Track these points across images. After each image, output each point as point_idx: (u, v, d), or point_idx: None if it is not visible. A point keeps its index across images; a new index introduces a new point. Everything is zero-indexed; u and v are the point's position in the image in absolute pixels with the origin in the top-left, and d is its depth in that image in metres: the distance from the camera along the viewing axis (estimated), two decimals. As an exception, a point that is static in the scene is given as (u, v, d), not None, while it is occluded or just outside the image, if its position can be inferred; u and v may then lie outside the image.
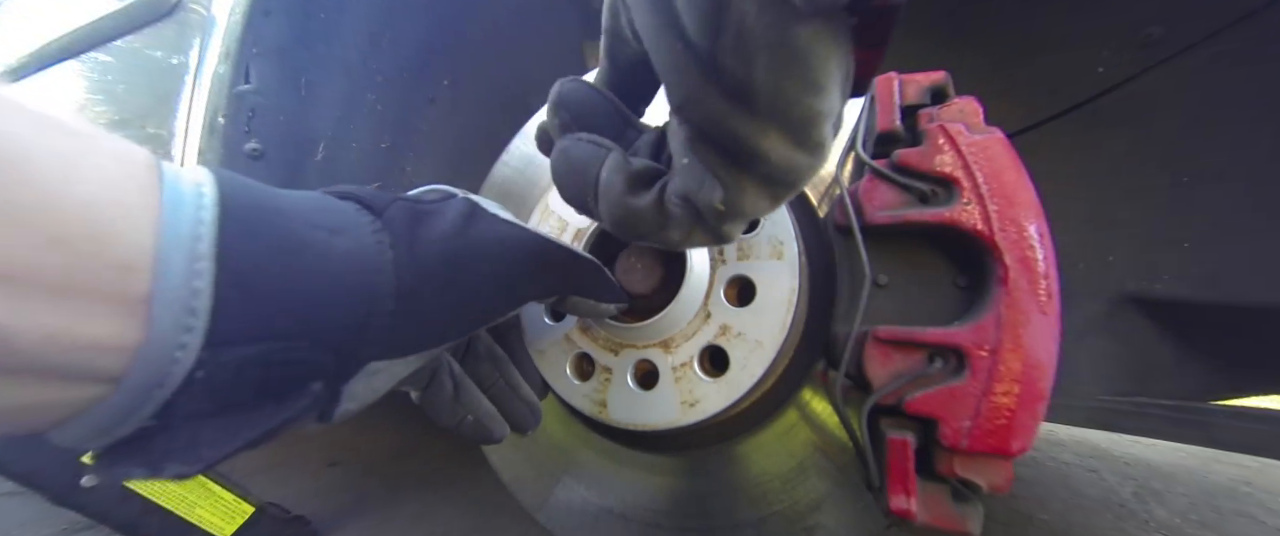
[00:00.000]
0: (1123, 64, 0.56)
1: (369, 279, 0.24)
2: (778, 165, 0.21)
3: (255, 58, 0.54)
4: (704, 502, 0.47)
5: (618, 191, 0.26)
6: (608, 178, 0.26)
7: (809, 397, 0.43)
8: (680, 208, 0.25)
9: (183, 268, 0.18)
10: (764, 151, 0.21)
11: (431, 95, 0.67)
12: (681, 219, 0.25)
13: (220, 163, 0.54)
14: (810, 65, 0.18)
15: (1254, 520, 1.01)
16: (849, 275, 0.39)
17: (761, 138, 0.20)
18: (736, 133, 0.20)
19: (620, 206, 0.26)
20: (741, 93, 0.19)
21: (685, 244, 0.27)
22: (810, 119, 0.20)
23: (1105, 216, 0.60)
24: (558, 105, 0.29)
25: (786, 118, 0.20)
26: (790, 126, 0.20)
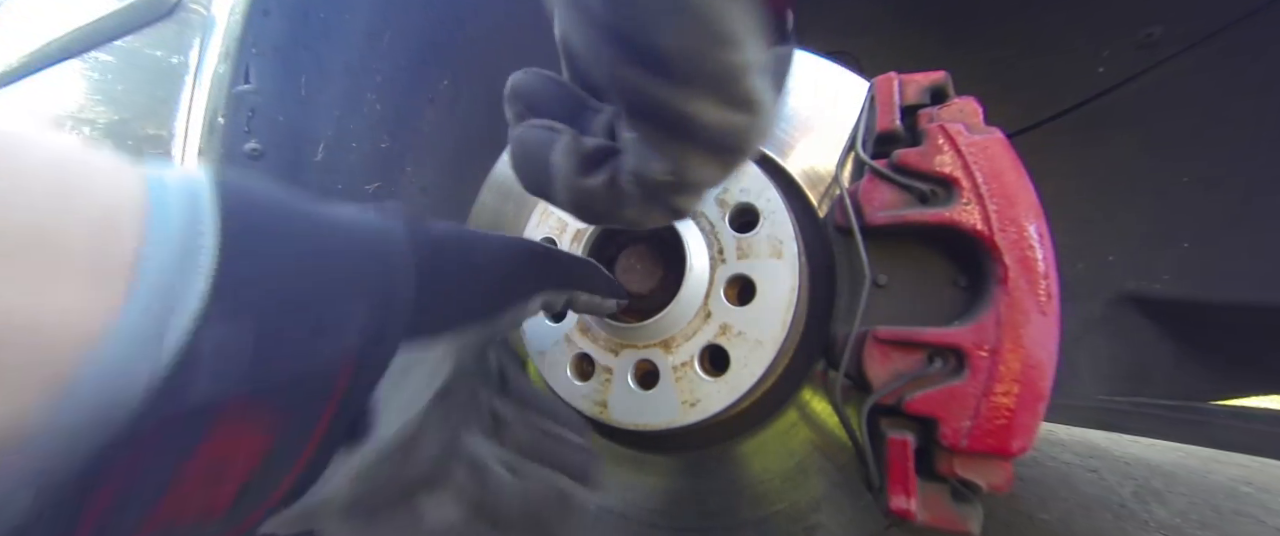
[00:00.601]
0: (1123, 64, 0.56)
1: (383, 245, 0.23)
2: (715, 129, 0.21)
3: (255, 58, 0.54)
4: (704, 502, 0.47)
5: (568, 173, 0.26)
6: (558, 161, 0.26)
7: (809, 397, 0.43)
8: (633, 185, 0.24)
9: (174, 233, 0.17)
10: (695, 116, 0.20)
11: (431, 95, 0.66)
12: (635, 196, 0.25)
13: (220, 163, 0.54)
14: (711, 18, 0.18)
15: (1254, 520, 1.01)
16: (849, 275, 0.39)
17: (688, 103, 0.20)
18: (662, 102, 0.20)
19: (573, 188, 0.26)
20: (654, 61, 0.19)
21: (644, 221, 0.27)
22: (730, 74, 0.19)
23: (1105, 216, 0.60)
24: (511, 97, 0.29)
25: (706, 77, 0.19)
26: (713, 86, 0.20)
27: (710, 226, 0.41)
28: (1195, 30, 0.52)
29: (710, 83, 0.20)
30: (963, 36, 0.62)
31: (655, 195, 0.25)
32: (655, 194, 0.24)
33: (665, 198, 0.25)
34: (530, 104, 0.29)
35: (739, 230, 0.40)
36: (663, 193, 0.24)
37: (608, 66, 0.20)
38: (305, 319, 0.19)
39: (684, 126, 0.21)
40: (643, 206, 0.25)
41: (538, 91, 0.29)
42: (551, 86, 0.29)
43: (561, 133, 0.27)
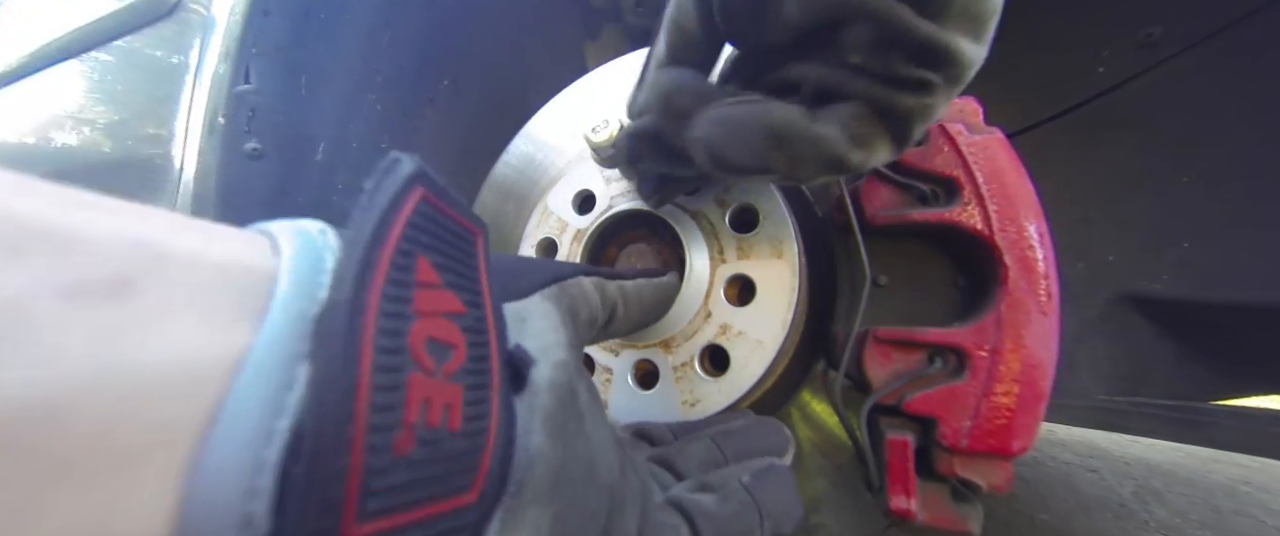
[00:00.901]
0: (1123, 64, 0.56)
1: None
2: (967, 62, 0.22)
3: (255, 58, 0.54)
4: (704, 502, 0.47)
5: (802, 126, 0.25)
6: (784, 119, 0.26)
7: (809, 397, 0.43)
8: (864, 124, 0.25)
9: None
10: (958, 52, 0.22)
11: (431, 95, 0.66)
12: (866, 136, 0.25)
13: (220, 162, 0.54)
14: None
15: (1254, 520, 1.01)
16: (849, 275, 0.39)
17: (956, 42, 0.22)
18: (928, 40, 0.21)
19: (808, 139, 0.26)
20: (940, 8, 0.21)
21: (868, 163, 0.27)
22: (990, 14, 0.22)
23: (1105, 216, 0.60)
24: (672, 94, 0.29)
25: (974, 19, 0.21)
26: (975, 26, 0.22)
27: (710, 226, 0.41)
28: (1195, 30, 0.52)
29: (976, 24, 0.22)
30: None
31: (896, 126, 0.25)
32: (897, 124, 0.25)
33: (906, 127, 0.25)
34: (699, 97, 0.28)
35: (739, 230, 0.40)
36: (907, 121, 0.25)
37: (887, 19, 0.21)
38: None
39: (946, 62, 0.22)
40: (872, 146, 0.26)
41: (701, 84, 0.29)
42: (702, 82, 0.29)
43: (766, 99, 0.27)
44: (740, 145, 0.27)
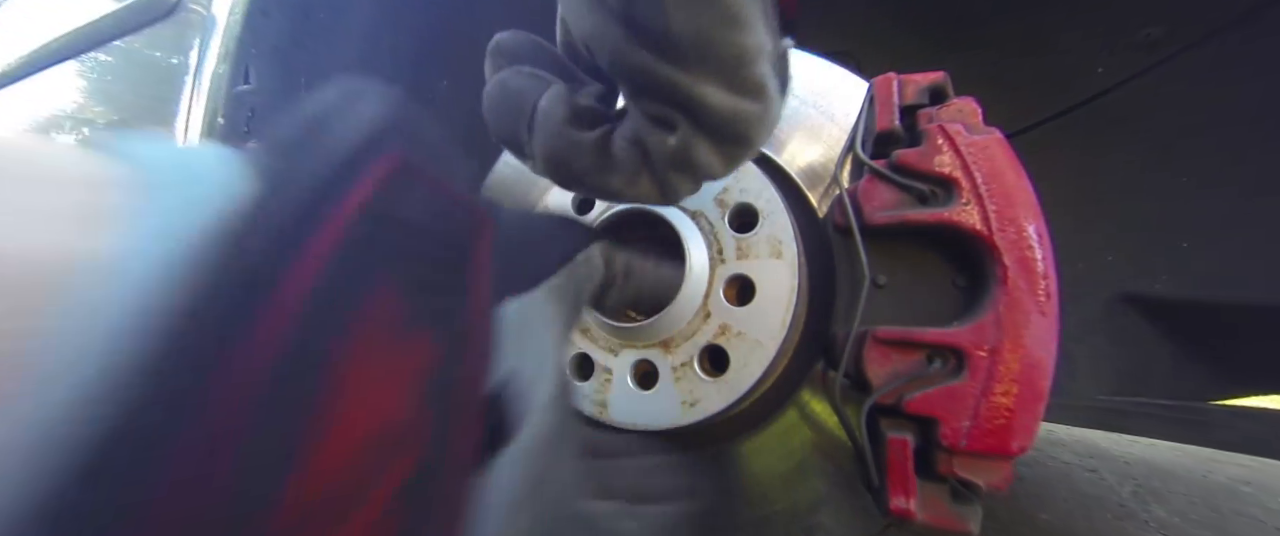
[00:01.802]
0: (1123, 64, 0.56)
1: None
2: (723, 114, 0.21)
3: (254, 58, 0.54)
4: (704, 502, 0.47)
5: (557, 121, 0.24)
6: (547, 106, 0.25)
7: (809, 397, 0.43)
8: (627, 151, 0.24)
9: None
10: (703, 99, 0.20)
11: (431, 95, 0.67)
12: (627, 163, 0.24)
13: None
14: (722, 2, 0.18)
15: (1254, 520, 1.01)
16: (848, 275, 0.39)
17: (697, 86, 0.20)
18: (671, 84, 0.20)
19: (560, 138, 0.24)
20: (665, 44, 0.19)
21: (625, 193, 0.26)
22: (740, 58, 0.20)
23: (1105, 216, 0.60)
24: (494, 53, 0.28)
25: (716, 60, 0.19)
26: (722, 69, 0.20)
27: (710, 226, 0.41)
28: (1195, 30, 0.52)
29: (720, 66, 0.20)
30: (962, 36, 0.62)
31: (653, 166, 0.24)
32: (653, 164, 0.24)
33: (662, 171, 0.24)
34: (513, 59, 0.27)
35: (738, 230, 0.40)
36: (661, 165, 0.23)
37: (616, 50, 0.20)
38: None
39: (693, 110, 0.21)
40: (632, 175, 0.24)
41: (525, 52, 0.28)
42: (540, 50, 0.28)
43: (552, 82, 0.26)
44: (504, 117, 0.26)
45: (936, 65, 0.38)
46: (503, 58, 0.28)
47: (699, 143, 0.22)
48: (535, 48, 0.28)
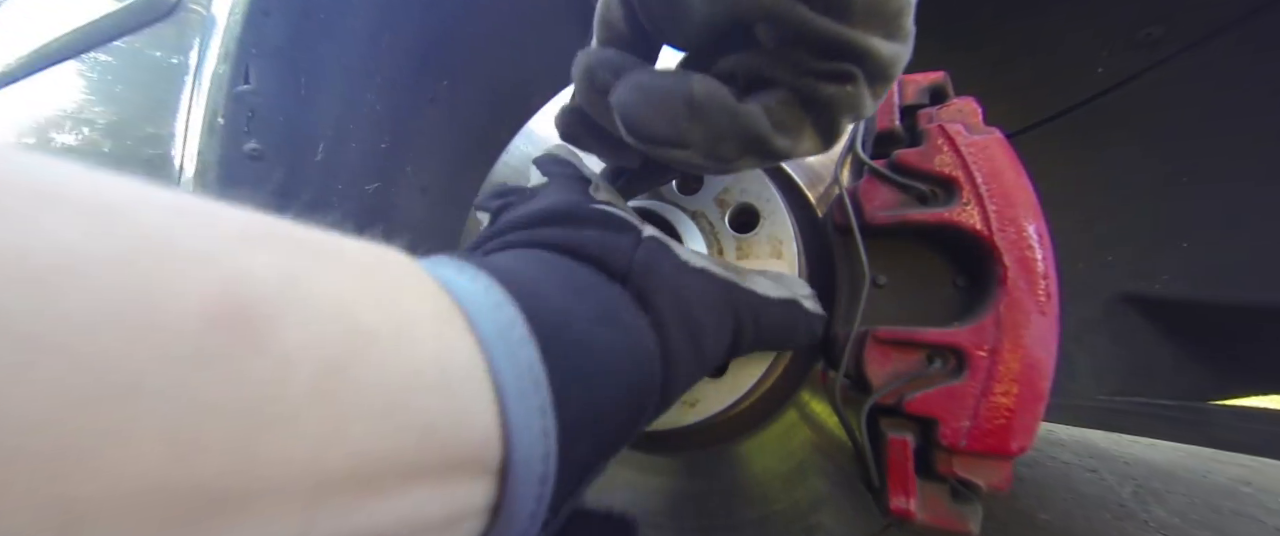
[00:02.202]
0: (1123, 64, 0.56)
1: (643, 384, 0.23)
2: (888, 60, 0.23)
3: (255, 58, 0.54)
4: (704, 503, 0.47)
5: (723, 99, 0.25)
6: (708, 90, 0.25)
7: (809, 397, 0.43)
8: (792, 111, 0.25)
9: (538, 440, 0.17)
10: (874, 50, 0.22)
11: (431, 95, 0.66)
12: (793, 123, 0.25)
13: (220, 163, 0.54)
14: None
15: (1254, 520, 1.01)
16: (848, 275, 0.39)
17: (867, 40, 0.22)
18: (849, 41, 0.22)
19: (732, 114, 0.25)
20: (842, 8, 0.21)
21: (794, 151, 0.26)
22: (902, 10, 0.22)
23: (1105, 216, 0.60)
24: (594, 68, 0.28)
25: (883, 17, 0.22)
26: (887, 23, 0.22)
27: (710, 226, 0.41)
28: (1195, 30, 0.52)
29: (886, 20, 0.22)
30: (962, 36, 0.62)
31: (823, 116, 0.25)
32: (823, 115, 0.25)
33: (832, 118, 0.25)
34: (619, 71, 0.27)
35: (739, 230, 0.40)
36: (832, 113, 0.25)
37: (798, 20, 0.22)
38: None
39: (865, 60, 0.23)
40: (798, 133, 0.25)
41: (624, 60, 0.28)
42: (627, 58, 0.28)
43: (689, 73, 0.26)
44: (656, 112, 0.26)
45: (936, 65, 0.38)
46: (606, 70, 0.27)
47: (863, 89, 0.24)
48: (624, 58, 0.28)
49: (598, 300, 0.22)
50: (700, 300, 0.27)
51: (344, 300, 0.13)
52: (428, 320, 0.15)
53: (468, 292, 0.17)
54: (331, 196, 0.60)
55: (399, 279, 0.16)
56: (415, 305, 0.15)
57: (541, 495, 0.17)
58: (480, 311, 0.17)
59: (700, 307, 0.26)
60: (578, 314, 0.20)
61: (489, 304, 0.17)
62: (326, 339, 0.12)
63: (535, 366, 0.17)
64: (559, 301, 0.20)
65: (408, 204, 0.67)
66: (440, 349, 0.15)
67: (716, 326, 0.27)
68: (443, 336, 0.15)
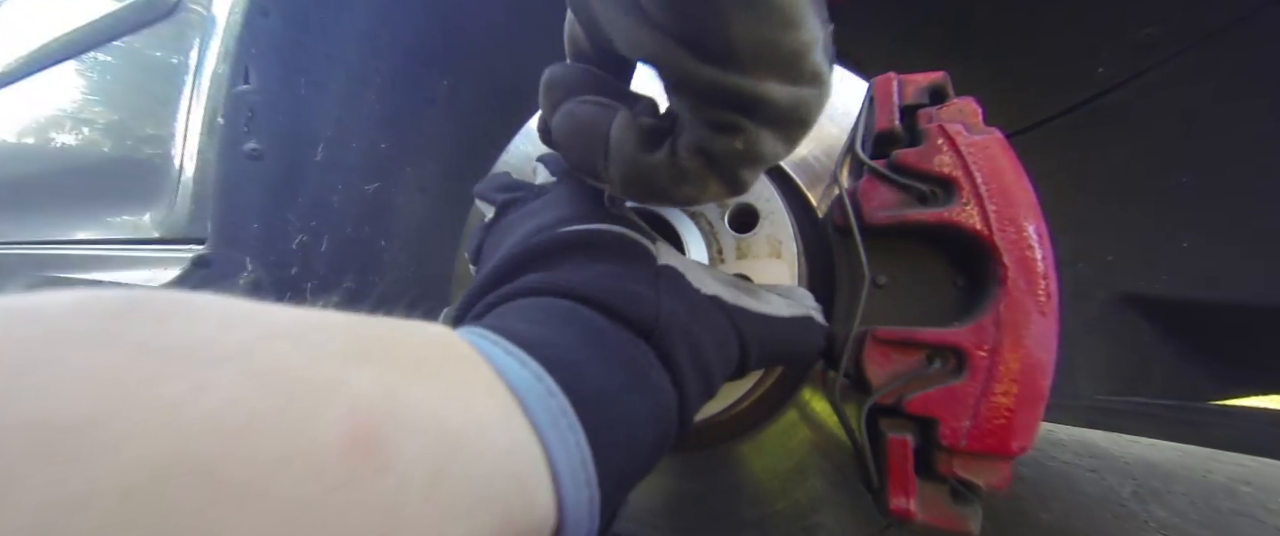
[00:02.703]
0: (1123, 64, 0.56)
1: (663, 437, 0.24)
2: (786, 106, 0.22)
3: (254, 58, 0.54)
4: (704, 502, 0.47)
5: (630, 148, 0.26)
6: (619, 134, 0.26)
7: (808, 397, 0.43)
8: (694, 160, 0.25)
9: (585, 511, 0.19)
10: (767, 96, 0.21)
11: (431, 96, 0.66)
12: (696, 173, 0.25)
13: (220, 162, 0.54)
14: (780, 6, 0.19)
15: (1254, 520, 1.01)
16: (848, 275, 0.39)
17: (761, 86, 0.21)
18: (735, 91, 0.21)
19: (633, 163, 0.26)
20: (728, 55, 0.20)
21: (699, 198, 0.27)
22: (799, 53, 0.21)
23: (1105, 216, 0.60)
24: (550, 86, 0.29)
25: (777, 61, 0.20)
26: (783, 67, 0.21)
27: (709, 227, 0.41)
28: (1194, 30, 0.52)
29: (781, 65, 0.21)
30: (962, 36, 0.62)
31: (721, 168, 0.25)
32: (721, 167, 0.25)
33: (732, 171, 0.25)
34: (570, 90, 0.29)
35: (738, 230, 0.40)
36: (730, 166, 0.25)
37: (675, 68, 0.21)
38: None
39: (755, 108, 0.22)
40: (702, 184, 0.26)
41: (577, 81, 0.29)
42: (589, 76, 0.29)
43: (617, 108, 0.27)
44: (578, 146, 0.28)
45: (936, 65, 0.38)
46: (560, 90, 0.29)
47: (764, 136, 0.23)
48: (583, 75, 0.29)
49: (627, 364, 0.23)
50: (712, 338, 0.28)
51: (434, 409, 0.15)
52: (498, 418, 0.18)
53: (521, 381, 0.19)
54: (331, 196, 0.60)
55: (465, 377, 0.18)
56: (485, 404, 0.18)
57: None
58: (534, 400, 0.19)
59: (712, 346, 0.27)
60: (613, 385, 0.22)
61: (541, 391, 0.19)
62: (428, 450, 0.14)
63: (583, 448, 0.19)
64: (595, 375, 0.22)
65: (408, 204, 0.67)
66: (511, 443, 0.17)
67: (724, 362, 0.29)
68: (511, 431, 0.18)
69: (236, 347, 0.13)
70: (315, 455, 0.12)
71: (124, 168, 0.72)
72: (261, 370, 0.13)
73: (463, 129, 0.70)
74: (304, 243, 0.59)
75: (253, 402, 0.12)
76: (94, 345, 0.11)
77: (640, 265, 0.28)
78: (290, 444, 0.12)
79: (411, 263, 0.68)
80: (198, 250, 0.55)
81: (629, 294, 0.25)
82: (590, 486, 0.19)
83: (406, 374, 0.16)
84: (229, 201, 0.54)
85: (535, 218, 0.32)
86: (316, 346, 0.14)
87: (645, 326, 0.25)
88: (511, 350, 0.20)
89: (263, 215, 0.56)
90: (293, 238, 0.58)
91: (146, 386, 0.11)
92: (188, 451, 0.10)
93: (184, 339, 0.12)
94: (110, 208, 0.74)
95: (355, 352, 0.15)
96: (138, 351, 0.11)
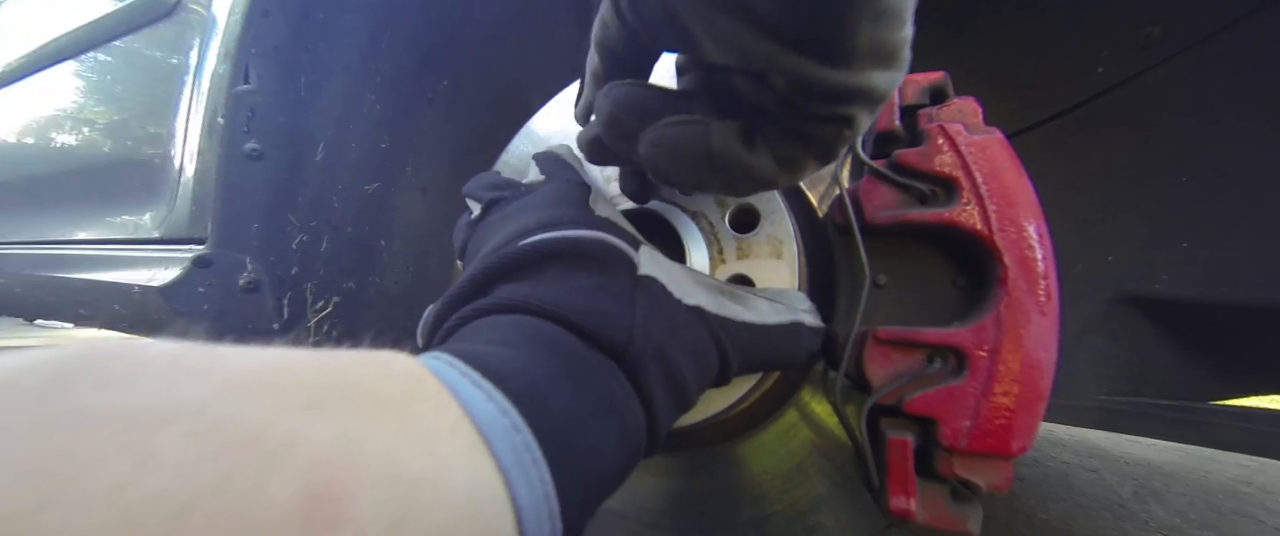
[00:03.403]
0: (1123, 64, 0.56)
1: (629, 458, 0.25)
2: (883, 90, 0.23)
3: (254, 58, 0.54)
4: (704, 503, 0.47)
5: (740, 153, 0.27)
6: (723, 146, 0.27)
7: (809, 397, 0.43)
8: (791, 148, 0.26)
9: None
10: (871, 86, 0.22)
11: (431, 95, 0.66)
12: (796, 158, 0.26)
13: (220, 162, 0.54)
14: (900, 9, 0.20)
15: (1254, 520, 1.01)
16: (849, 275, 0.39)
17: (868, 79, 0.22)
18: (846, 87, 0.22)
19: (742, 167, 0.27)
20: (845, 57, 0.21)
21: (795, 181, 0.28)
22: (902, 45, 0.22)
23: (1105, 216, 0.60)
24: (621, 112, 0.29)
25: (885, 56, 0.22)
26: (886, 60, 0.22)
27: (710, 226, 0.41)
28: (1195, 30, 0.52)
29: (887, 58, 0.22)
30: (962, 36, 0.62)
31: (819, 149, 0.26)
32: (819, 148, 0.26)
33: (829, 149, 0.26)
34: (642, 114, 0.29)
35: (739, 230, 0.40)
36: (828, 145, 0.26)
37: (793, 73, 0.22)
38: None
39: (861, 97, 0.23)
40: (802, 164, 0.27)
41: (644, 99, 0.29)
42: (650, 91, 0.30)
43: (705, 122, 0.27)
44: (679, 167, 0.28)
45: (937, 65, 0.38)
46: (633, 114, 0.29)
47: (864, 116, 0.24)
48: (647, 92, 0.30)
49: (595, 388, 0.24)
50: (688, 351, 0.28)
51: (395, 456, 0.15)
52: (461, 458, 0.17)
53: (486, 417, 0.19)
54: (331, 196, 0.60)
55: (431, 417, 0.18)
56: (448, 444, 0.17)
57: None
58: (498, 435, 0.19)
59: (687, 360, 0.28)
60: (580, 411, 0.22)
61: (506, 427, 0.19)
62: (388, 499, 0.14)
63: (546, 483, 0.19)
64: (561, 402, 0.22)
65: (408, 204, 0.67)
66: (473, 483, 0.17)
67: (702, 373, 0.29)
68: (474, 470, 0.18)
69: (184, 408, 0.12)
70: (267, 522, 0.11)
71: (124, 168, 0.72)
72: (211, 430, 0.12)
73: (463, 129, 0.70)
74: (304, 243, 0.59)
75: (200, 471, 0.11)
76: (26, 425, 0.10)
77: (619, 275, 0.28)
78: (240, 513, 0.11)
79: (411, 263, 0.68)
80: (198, 250, 0.55)
81: (602, 314, 0.26)
82: (553, 519, 0.19)
83: (368, 417, 0.16)
84: (229, 201, 0.54)
85: (519, 218, 0.32)
86: (273, 398, 0.14)
87: (617, 349, 0.25)
88: (479, 382, 0.20)
89: (263, 215, 0.56)
90: (293, 237, 0.58)
91: (84, 471, 0.10)
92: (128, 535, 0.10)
93: (127, 401, 0.12)
94: (110, 208, 0.74)
95: (314, 402, 0.15)
96: (75, 428, 0.11)
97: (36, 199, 0.91)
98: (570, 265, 0.28)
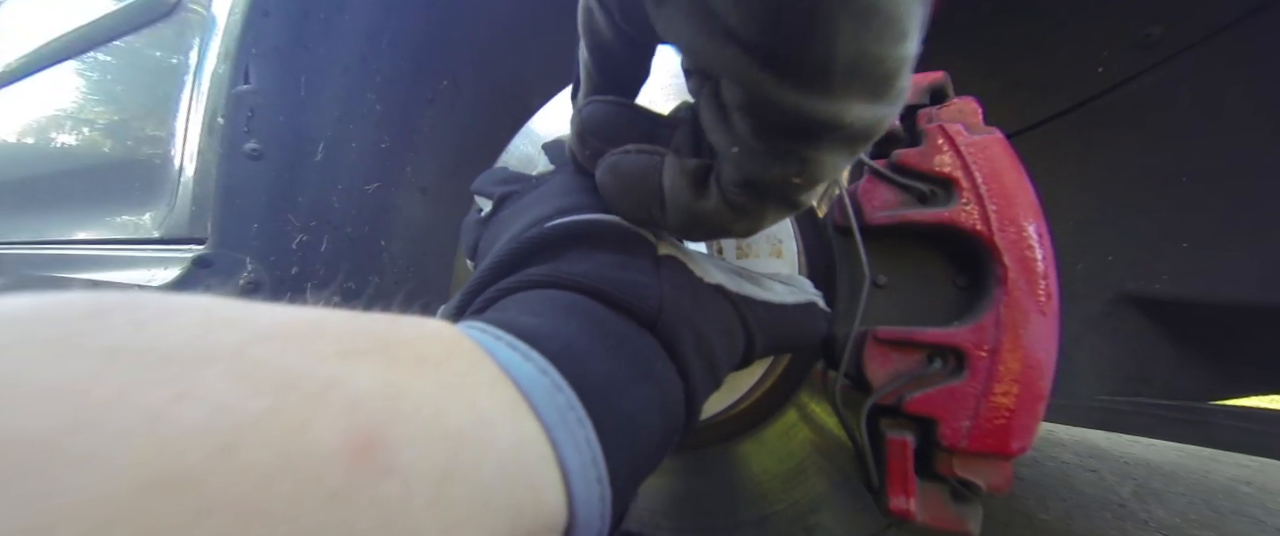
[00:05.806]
0: (1123, 64, 0.56)
1: (670, 429, 0.24)
2: (865, 126, 0.19)
3: (254, 58, 0.54)
4: (703, 503, 0.47)
5: (686, 197, 0.25)
6: (672, 183, 0.25)
7: (808, 398, 0.43)
8: (745, 195, 0.23)
9: (596, 508, 0.19)
10: (845, 118, 0.18)
11: (431, 95, 0.66)
12: (750, 206, 0.23)
13: (220, 162, 0.54)
14: (897, 14, 0.16)
15: (1254, 520, 1.01)
16: (848, 275, 0.39)
17: (844, 108, 0.18)
18: (811, 117, 0.18)
19: (689, 211, 0.25)
20: (816, 76, 0.17)
21: (757, 228, 0.25)
22: (896, 70, 0.17)
23: (1105, 216, 0.60)
24: (586, 133, 0.28)
25: (870, 80, 0.17)
26: (873, 87, 0.18)
27: (710, 226, 0.41)
28: (1195, 30, 0.52)
29: (873, 83, 0.18)
30: (963, 36, 0.62)
31: (773, 200, 0.23)
32: (776, 196, 0.23)
33: (787, 197, 0.23)
34: (609, 137, 0.28)
35: (738, 230, 0.40)
36: (784, 193, 0.22)
37: (752, 84, 0.18)
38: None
39: (830, 132, 0.19)
40: (758, 215, 0.24)
41: (614, 121, 0.28)
42: (625, 112, 0.28)
43: (662, 155, 0.26)
44: (629, 199, 0.27)
45: (937, 65, 0.38)
46: (597, 137, 0.28)
47: (826, 159, 0.20)
48: (619, 112, 0.28)
49: (632, 355, 0.23)
50: (717, 327, 0.27)
51: (438, 407, 0.15)
52: (504, 414, 0.17)
53: (526, 375, 0.18)
54: (331, 196, 0.60)
55: (469, 373, 0.17)
56: (490, 400, 0.17)
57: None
58: (541, 396, 0.18)
59: (717, 335, 0.27)
60: (619, 376, 0.21)
61: (547, 385, 0.19)
62: (433, 451, 0.14)
63: (592, 443, 0.19)
64: (601, 367, 0.21)
65: (408, 204, 0.67)
66: (518, 439, 0.17)
67: (729, 350, 0.28)
68: (517, 427, 0.17)
69: (221, 350, 0.12)
70: (313, 462, 0.11)
71: (124, 168, 0.72)
72: (249, 372, 0.12)
73: (463, 129, 0.70)
74: (304, 242, 0.59)
75: (242, 408, 0.11)
76: (60, 353, 0.10)
77: (641, 254, 0.27)
78: (285, 451, 0.11)
79: (411, 262, 0.68)
80: (198, 250, 0.55)
81: (631, 284, 0.25)
82: (602, 483, 0.19)
83: (407, 371, 0.15)
84: (229, 201, 0.54)
85: (534, 209, 0.31)
86: (310, 345, 0.14)
87: (649, 316, 0.24)
88: (515, 344, 0.19)
89: (263, 215, 0.56)
90: (293, 237, 0.58)
91: (120, 396, 0.10)
92: (169, 465, 0.09)
93: (162, 342, 0.11)
94: (110, 208, 0.74)
95: (352, 351, 0.14)
96: (109, 358, 0.10)
97: (36, 199, 0.91)
98: (592, 245, 0.27)
